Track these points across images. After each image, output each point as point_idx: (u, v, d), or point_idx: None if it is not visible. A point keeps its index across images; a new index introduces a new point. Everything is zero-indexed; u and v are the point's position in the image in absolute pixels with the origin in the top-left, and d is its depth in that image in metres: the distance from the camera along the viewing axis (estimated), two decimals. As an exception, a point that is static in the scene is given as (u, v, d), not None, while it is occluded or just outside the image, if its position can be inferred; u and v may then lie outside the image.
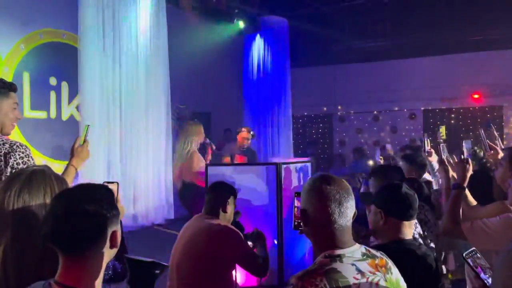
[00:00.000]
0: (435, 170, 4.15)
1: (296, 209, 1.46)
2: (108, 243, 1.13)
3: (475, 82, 9.30)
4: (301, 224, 1.38)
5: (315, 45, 8.48)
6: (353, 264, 1.24)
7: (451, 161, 2.68)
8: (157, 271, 1.42)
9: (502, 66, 9.16)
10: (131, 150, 5.81)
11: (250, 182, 3.95)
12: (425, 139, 4.26)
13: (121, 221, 1.38)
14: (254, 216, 3.86)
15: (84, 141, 2.28)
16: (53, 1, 5.42)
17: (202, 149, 5.27)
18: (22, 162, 2.22)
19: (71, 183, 2.21)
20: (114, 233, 1.14)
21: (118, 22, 5.39)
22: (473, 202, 2.54)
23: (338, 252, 1.26)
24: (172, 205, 6.44)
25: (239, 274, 3.45)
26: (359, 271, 1.24)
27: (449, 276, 2.80)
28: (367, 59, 9.97)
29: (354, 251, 1.28)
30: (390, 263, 1.34)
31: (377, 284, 1.24)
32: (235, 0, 6.69)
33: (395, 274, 1.32)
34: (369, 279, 1.24)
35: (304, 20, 7.80)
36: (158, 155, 6.23)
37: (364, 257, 1.28)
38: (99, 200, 1.12)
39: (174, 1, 6.44)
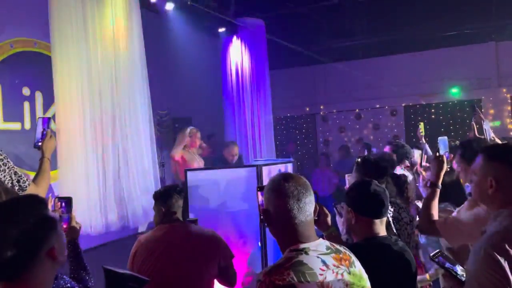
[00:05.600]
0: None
1: (260, 206, 1.49)
2: (47, 261, 1.05)
3: (454, 77, 9.43)
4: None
5: (294, 46, 8.47)
6: (318, 257, 1.26)
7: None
8: (135, 285, 1.36)
9: (478, 60, 9.32)
10: (112, 159, 5.68)
11: (231, 186, 3.91)
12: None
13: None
14: (237, 219, 3.81)
15: (47, 133, 2.40)
16: (23, 10, 5.29)
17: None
18: (3, 164, 2.20)
19: (49, 174, 2.33)
20: (51, 250, 1.05)
21: (91, 28, 5.28)
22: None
23: (303, 246, 1.28)
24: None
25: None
26: (325, 263, 1.25)
27: (428, 278, 2.80)
28: (346, 58, 10.03)
29: (318, 245, 1.30)
30: (353, 258, 1.36)
31: (342, 275, 1.27)
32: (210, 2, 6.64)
33: (358, 266, 1.35)
34: (334, 272, 1.26)
35: (281, 21, 7.79)
36: (142, 163, 6.11)
37: (329, 251, 1.30)
38: (23, 220, 1.02)
39: (149, 5, 6.37)
